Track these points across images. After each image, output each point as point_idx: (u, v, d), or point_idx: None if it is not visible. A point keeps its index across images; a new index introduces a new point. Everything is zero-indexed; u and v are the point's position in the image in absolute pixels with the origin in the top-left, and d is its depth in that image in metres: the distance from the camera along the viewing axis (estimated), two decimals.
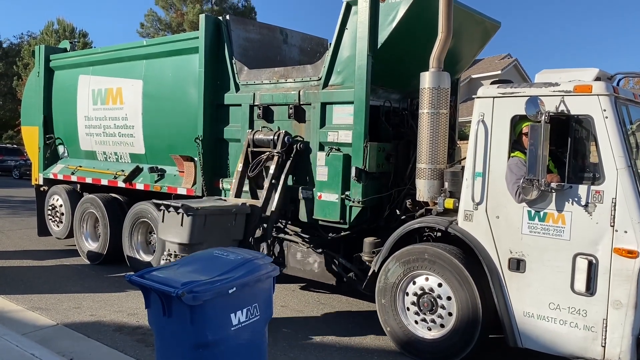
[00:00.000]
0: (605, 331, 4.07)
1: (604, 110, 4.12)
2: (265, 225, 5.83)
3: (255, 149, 6.17)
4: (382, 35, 5.38)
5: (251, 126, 6.43)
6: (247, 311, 3.59)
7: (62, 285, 6.99)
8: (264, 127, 6.29)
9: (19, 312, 5.82)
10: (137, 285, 3.56)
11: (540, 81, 4.55)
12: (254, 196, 6.18)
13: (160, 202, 5.55)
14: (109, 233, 7.99)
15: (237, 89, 6.62)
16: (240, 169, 6.18)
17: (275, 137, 5.94)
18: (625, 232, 3.99)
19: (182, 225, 5.15)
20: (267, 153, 6.01)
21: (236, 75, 6.59)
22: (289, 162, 5.94)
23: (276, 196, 5.83)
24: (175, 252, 5.24)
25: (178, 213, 5.19)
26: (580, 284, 4.14)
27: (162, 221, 5.39)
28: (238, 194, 6.13)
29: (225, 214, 5.48)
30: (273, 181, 5.88)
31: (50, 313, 5.83)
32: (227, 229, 5.45)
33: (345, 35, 5.62)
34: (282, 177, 5.89)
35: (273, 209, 5.83)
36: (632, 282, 3.96)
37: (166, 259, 5.26)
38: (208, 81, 6.71)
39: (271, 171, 5.91)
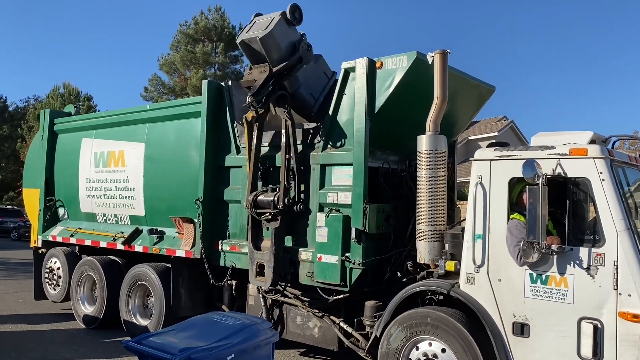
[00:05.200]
0: None
1: (601, 173, 4.17)
2: None
3: (257, 210, 6.14)
4: (380, 100, 5.53)
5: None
6: None
7: (56, 351, 6.81)
8: (264, 190, 6.33)
9: None
10: (134, 351, 3.49)
11: (536, 144, 4.63)
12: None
13: None
14: (106, 296, 7.87)
15: (238, 151, 6.71)
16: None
17: (275, 199, 5.97)
18: (629, 295, 3.94)
19: None
20: (267, 215, 6.01)
21: (237, 138, 6.71)
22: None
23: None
24: None
25: None
26: (587, 349, 4.04)
27: None
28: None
29: None
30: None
31: None
32: None
33: (344, 99, 5.78)
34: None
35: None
36: (639, 348, 3.87)
37: None
38: (209, 144, 6.82)
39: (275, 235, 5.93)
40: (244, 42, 5.97)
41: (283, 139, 6.01)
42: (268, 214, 6.00)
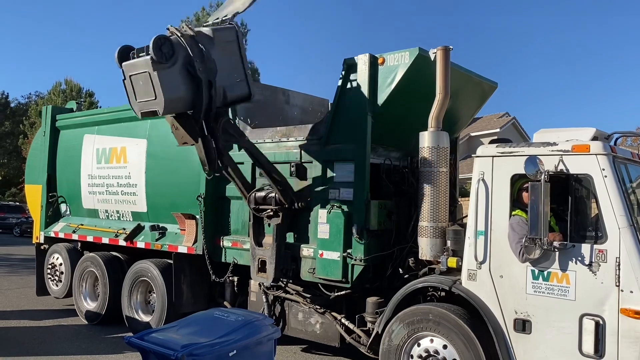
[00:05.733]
0: None
1: (603, 170, 4.16)
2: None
3: (258, 207, 6.14)
4: (382, 96, 5.52)
5: (253, 184, 6.47)
6: None
7: (58, 347, 6.83)
8: (266, 186, 6.33)
9: None
10: (136, 347, 3.50)
11: (539, 140, 4.62)
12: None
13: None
14: (108, 292, 7.89)
15: (240, 147, 6.70)
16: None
17: (277, 196, 5.97)
18: (631, 292, 3.94)
19: None
20: (269, 212, 6.01)
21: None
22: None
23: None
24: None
25: None
26: (589, 345, 4.05)
27: None
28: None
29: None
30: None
31: None
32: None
33: (346, 96, 5.76)
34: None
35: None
36: None
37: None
38: None
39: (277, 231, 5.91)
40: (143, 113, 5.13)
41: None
42: (269, 210, 6.01)
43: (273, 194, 6.01)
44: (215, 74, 5.06)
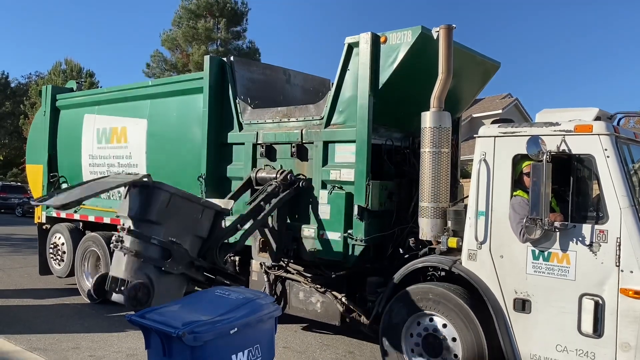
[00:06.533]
0: None
1: (605, 150, 4.14)
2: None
3: (257, 187, 6.17)
4: (384, 76, 5.47)
5: (254, 164, 6.47)
6: (248, 352, 3.54)
7: (61, 325, 6.90)
8: (266, 165, 6.32)
9: (17, 353, 5.73)
10: (137, 325, 3.52)
11: (541, 121, 4.59)
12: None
13: (129, 178, 5.20)
14: None
15: (241, 128, 6.69)
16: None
17: (279, 175, 5.96)
18: (631, 272, 3.95)
19: (144, 198, 4.83)
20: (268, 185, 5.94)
21: (240, 114, 6.68)
22: (284, 193, 5.83)
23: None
24: (130, 226, 4.90)
25: (144, 187, 4.89)
26: (588, 325, 4.07)
27: (124, 197, 5.03)
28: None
29: (192, 202, 5.20)
30: (262, 203, 5.77)
31: (49, 354, 5.73)
32: (191, 220, 5.10)
33: (347, 75, 5.72)
34: (274, 201, 5.78)
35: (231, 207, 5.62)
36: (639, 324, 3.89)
37: (116, 237, 4.93)
38: (212, 120, 6.79)
39: (274, 201, 5.80)
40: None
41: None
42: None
43: (273, 174, 6.00)
44: (188, 254, 5.09)
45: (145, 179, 5.04)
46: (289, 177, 5.91)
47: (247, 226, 5.77)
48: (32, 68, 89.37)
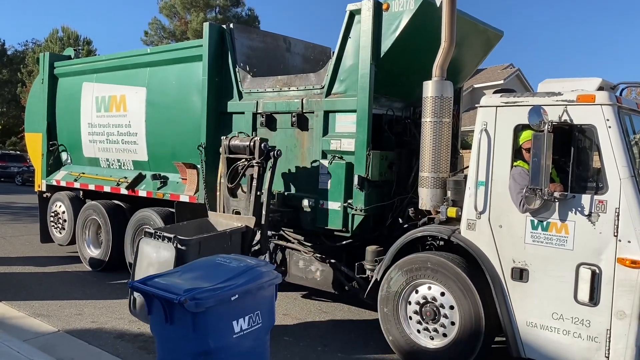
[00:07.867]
0: (609, 342, 4.05)
1: (607, 120, 4.12)
2: (259, 238, 5.73)
3: (231, 156, 6.01)
4: (385, 44, 5.40)
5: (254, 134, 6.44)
6: (249, 319, 3.58)
7: (64, 292, 6.98)
8: (240, 132, 6.26)
9: (20, 319, 5.81)
10: (140, 291, 3.56)
11: (543, 91, 4.55)
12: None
13: (153, 231, 5.29)
14: (111, 240, 7.98)
15: (240, 96, 6.64)
16: (224, 181, 6.03)
17: (252, 144, 5.77)
18: (629, 242, 3.98)
19: (175, 258, 4.85)
20: (244, 161, 5.86)
21: (239, 83, 6.62)
22: (269, 172, 5.75)
23: (264, 209, 5.69)
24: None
25: (171, 243, 4.93)
26: (584, 294, 4.12)
27: (154, 254, 5.09)
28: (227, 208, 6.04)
29: (220, 238, 5.34)
30: (258, 193, 5.70)
31: (52, 320, 5.82)
32: (224, 250, 5.11)
33: (349, 44, 5.65)
34: (266, 185, 5.71)
35: (263, 221, 5.68)
36: (635, 293, 3.94)
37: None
38: (211, 89, 6.74)
39: (254, 183, 5.71)
40: None
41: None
42: (244, 159, 5.87)
43: (247, 142, 5.83)
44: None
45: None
46: (262, 146, 5.70)
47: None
48: (29, 35, 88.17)
